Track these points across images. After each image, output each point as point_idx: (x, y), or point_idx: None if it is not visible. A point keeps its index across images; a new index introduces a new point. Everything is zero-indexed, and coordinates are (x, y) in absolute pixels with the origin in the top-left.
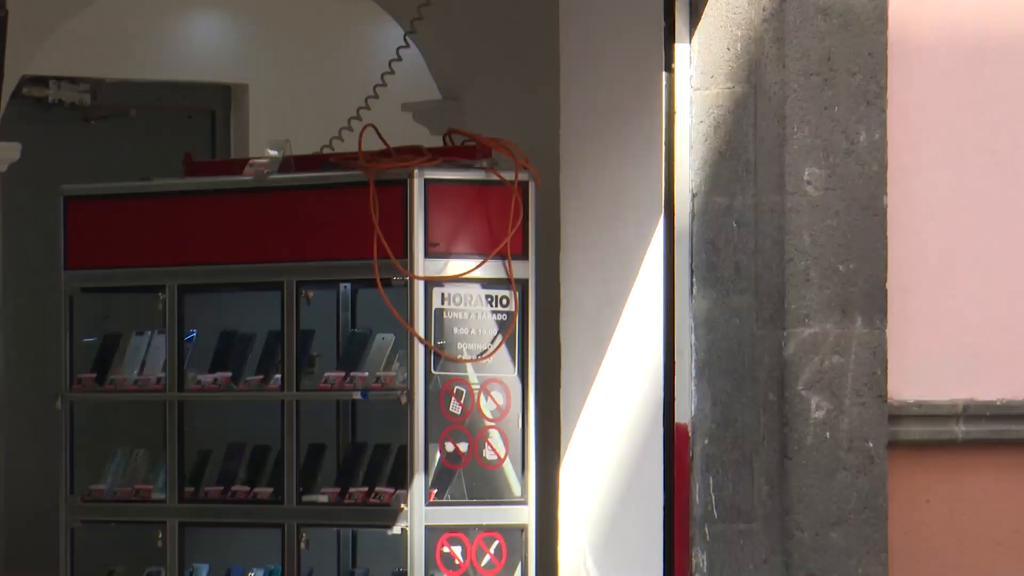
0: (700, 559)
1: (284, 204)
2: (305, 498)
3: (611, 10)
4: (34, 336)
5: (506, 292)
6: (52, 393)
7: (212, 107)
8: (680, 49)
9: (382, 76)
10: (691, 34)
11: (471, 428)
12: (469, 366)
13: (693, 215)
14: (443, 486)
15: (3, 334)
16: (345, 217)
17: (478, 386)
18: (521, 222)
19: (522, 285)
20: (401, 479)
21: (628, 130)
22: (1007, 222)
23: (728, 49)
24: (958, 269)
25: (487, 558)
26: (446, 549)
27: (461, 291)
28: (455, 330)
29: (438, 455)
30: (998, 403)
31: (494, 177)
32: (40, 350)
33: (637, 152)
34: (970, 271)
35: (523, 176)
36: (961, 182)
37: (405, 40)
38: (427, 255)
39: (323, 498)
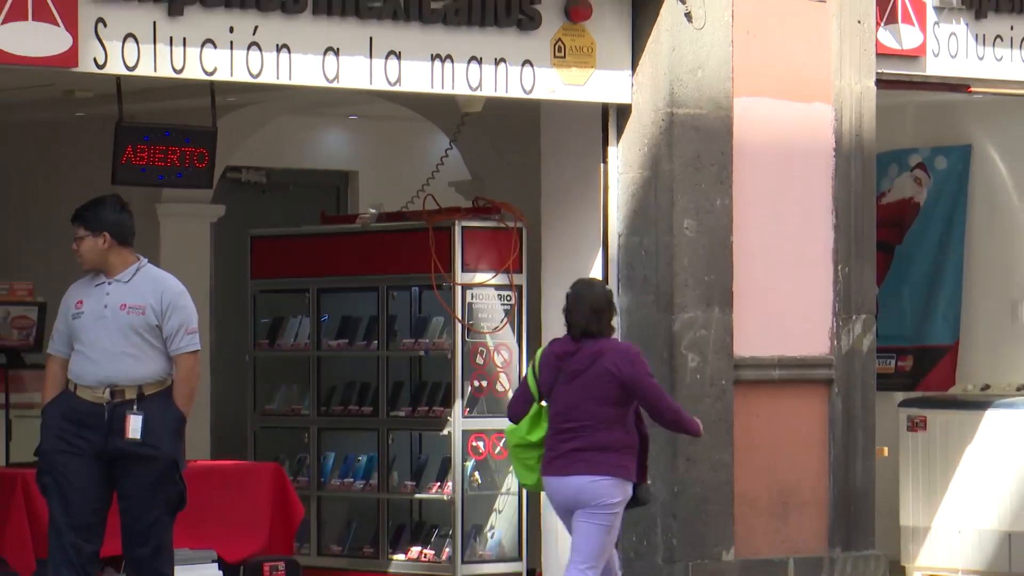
0: None
1: (379, 241)
2: (391, 413)
3: (571, 126)
4: (233, 318)
5: (509, 292)
6: (243, 352)
7: (337, 184)
8: (611, 150)
9: (436, 166)
10: (618, 141)
11: (489, 373)
12: (487, 336)
13: (619, 248)
14: (472, 407)
15: (215, 318)
16: (415, 248)
17: (493, 348)
18: (518, 252)
19: (519, 289)
20: (448, 403)
21: (581, 197)
22: (802, 255)
23: (640, 150)
24: (773, 281)
25: (498, 449)
26: (474, 444)
27: (483, 292)
28: (479, 315)
29: (469, 388)
30: (798, 357)
31: (502, 225)
32: (236, 327)
33: (586, 210)
34: (780, 283)
35: (519, 225)
36: (776, 231)
37: (450, 144)
38: (463, 271)
39: (402, 413)
